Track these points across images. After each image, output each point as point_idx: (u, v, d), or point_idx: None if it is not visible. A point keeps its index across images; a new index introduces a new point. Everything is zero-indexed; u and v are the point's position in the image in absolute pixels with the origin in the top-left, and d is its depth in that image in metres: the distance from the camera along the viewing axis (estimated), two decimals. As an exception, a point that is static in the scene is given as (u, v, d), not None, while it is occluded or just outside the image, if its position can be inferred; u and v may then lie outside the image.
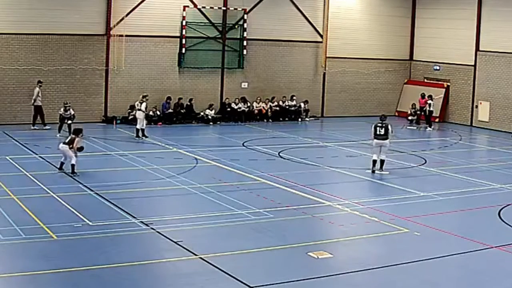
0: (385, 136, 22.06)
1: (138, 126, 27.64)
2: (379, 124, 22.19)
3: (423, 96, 34.78)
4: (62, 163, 20.77)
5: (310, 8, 36.00)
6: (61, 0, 30.07)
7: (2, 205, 16.32)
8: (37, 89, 29.13)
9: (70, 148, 20.57)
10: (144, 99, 28.06)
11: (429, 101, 34.21)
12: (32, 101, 28.97)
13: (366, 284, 12.61)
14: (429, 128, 33.79)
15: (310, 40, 36.28)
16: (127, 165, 22.35)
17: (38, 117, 29.02)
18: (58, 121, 27.55)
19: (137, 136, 27.52)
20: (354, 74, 37.76)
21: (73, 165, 20.26)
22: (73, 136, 21.05)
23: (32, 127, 28.80)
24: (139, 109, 27.82)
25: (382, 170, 22.24)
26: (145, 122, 28.03)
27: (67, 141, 20.96)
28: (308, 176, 21.66)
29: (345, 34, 36.80)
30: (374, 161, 22.23)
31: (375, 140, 22.23)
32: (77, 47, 30.80)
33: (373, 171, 22.12)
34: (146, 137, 27.52)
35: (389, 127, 22.22)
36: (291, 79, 36.09)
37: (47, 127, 28.73)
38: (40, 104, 29.02)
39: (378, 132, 22.13)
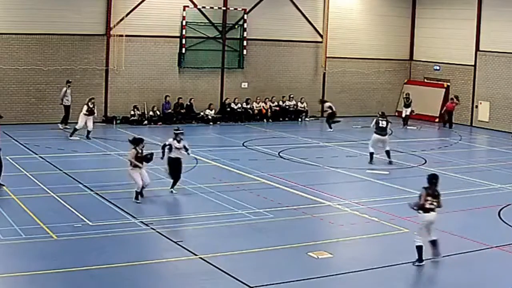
0: (386, 131, 23.59)
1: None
2: (381, 119, 23.59)
3: (451, 99, 34.19)
4: (137, 192, 17.29)
5: (310, 8, 36.00)
6: (61, 0, 30.07)
7: (2, 205, 16.32)
8: (64, 88, 29.28)
9: (133, 165, 17.23)
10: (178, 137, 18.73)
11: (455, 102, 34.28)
12: (60, 100, 29.11)
13: (366, 284, 12.61)
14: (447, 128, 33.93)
15: (310, 40, 36.28)
16: (127, 165, 22.29)
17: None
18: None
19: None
20: (354, 74, 37.77)
21: (137, 192, 17.27)
22: (132, 148, 17.43)
23: (61, 126, 28.92)
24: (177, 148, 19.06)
25: (390, 158, 23.74)
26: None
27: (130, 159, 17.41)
28: (308, 176, 21.65)
29: (345, 34, 36.81)
30: (372, 154, 23.59)
31: (377, 136, 23.55)
32: (77, 47, 30.81)
33: (371, 163, 23.52)
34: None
35: (388, 122, 23.89)
36: (291, 79, 36.10)
37: (67, 126, 28.75)
38: (67, 104, 29.06)
39: (381, 125, 23.43)
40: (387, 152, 23.76)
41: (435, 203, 13.25)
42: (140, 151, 17.37)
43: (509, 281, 12.75)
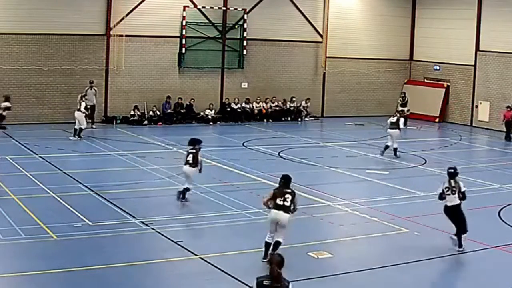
0: (394, 126, 25.00)
1: None
2: (392, 115, 25.83)
3: (509, 108, 31.49)
4: (184, 191, 17.53)
5: (310, 8, 36.00)
6: (61, 0, 30.07)
7: (2, 205, 16.31)
8: (86, 88, 29.50)
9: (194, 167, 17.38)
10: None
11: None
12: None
13: (366, 284, 12.61)
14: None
15: (310, 40, 36.28)
16: (127, 165, 22.34)
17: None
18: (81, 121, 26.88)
19: None
20: (354, 74, 37.76)
21: (187, 189, 17.57)
22: (196, 148, 17.64)
23: (91, 125, 29.14)
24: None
25: (396, 155, 25.06)
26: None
27: (190, 159, 17.44)
28: (308, 176, 21.65)
29: (345, 34, 36.80)
30: (387, 146, 25.14)
31: (388, 130, 25.41)
32: (77, 47, 30.81)
33: (382, 154, 25.07)
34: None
35: (401, 119, 25.24)
36: (291, 79, 36.09)
37: (93, 126, 29.07)
38: (91, 104, 29.08)
39: (390, 120, 25.28)
40: (394, 149, 25.10)
41: (285, 202, 13.03)
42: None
43: (509, 281, 12.75)
